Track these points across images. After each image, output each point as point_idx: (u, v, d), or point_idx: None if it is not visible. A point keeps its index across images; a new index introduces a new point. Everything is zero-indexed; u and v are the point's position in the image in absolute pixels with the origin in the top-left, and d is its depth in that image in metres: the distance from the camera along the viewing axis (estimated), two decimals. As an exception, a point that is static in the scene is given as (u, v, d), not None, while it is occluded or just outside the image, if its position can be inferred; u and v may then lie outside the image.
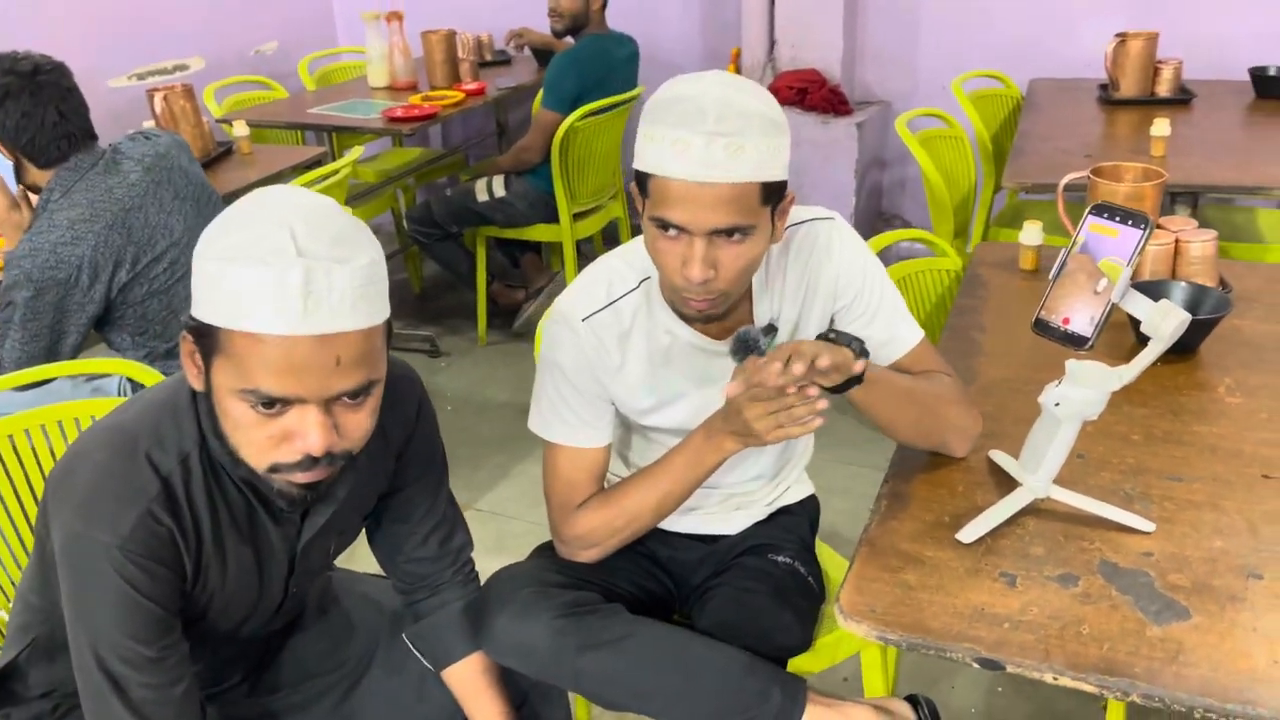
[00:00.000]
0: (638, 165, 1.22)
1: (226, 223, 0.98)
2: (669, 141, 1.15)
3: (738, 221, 1.18)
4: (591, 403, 1.38)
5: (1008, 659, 1.04)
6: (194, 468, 1.06)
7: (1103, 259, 1.12)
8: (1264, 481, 1.29)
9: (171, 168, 2.05)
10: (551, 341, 1.38)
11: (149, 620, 1.03)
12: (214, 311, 0.96)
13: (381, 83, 3.89)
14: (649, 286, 1.36)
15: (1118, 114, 3.07)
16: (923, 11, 3.80)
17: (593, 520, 1.38)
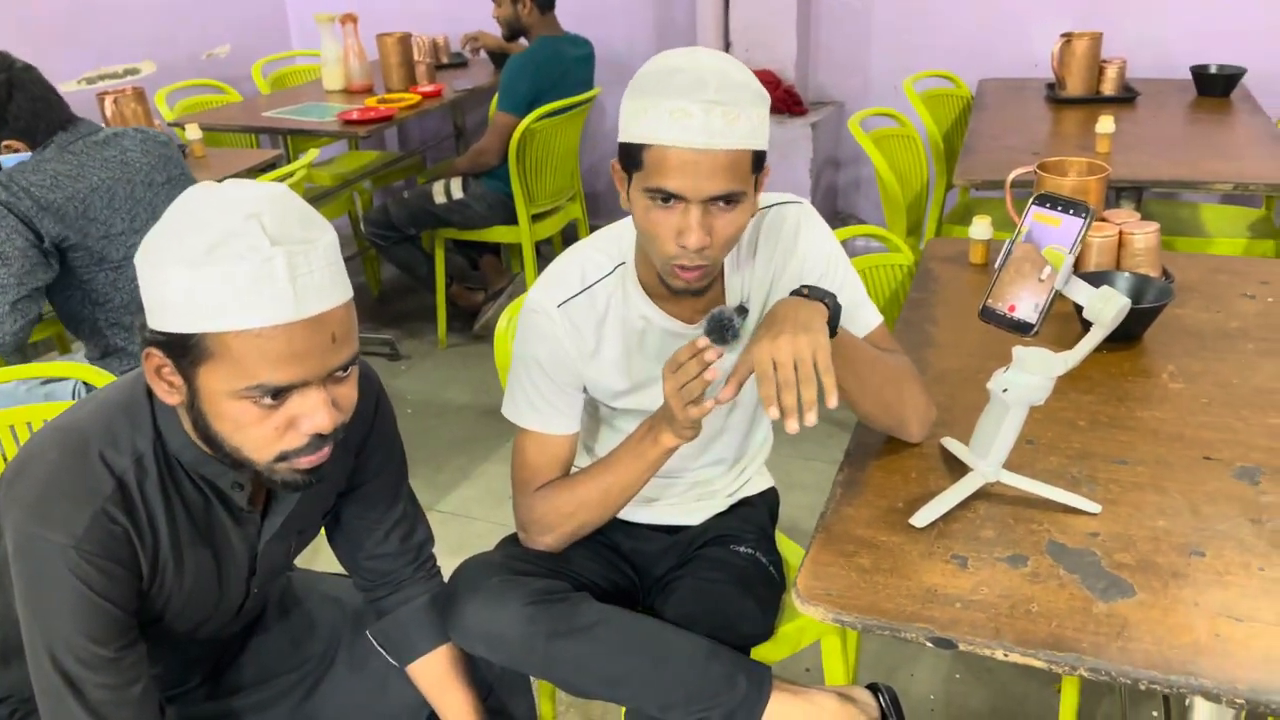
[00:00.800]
0: (628, 138, 1.22)
1: (176, 226, 0.95)
2: (667, 111, 1.17)
3: (733, 188, 1.20)
4: (563, 391, 1.40)
5: (959, 637, 1.06)
6: (149, 467, 1.06)
7: (1046, 247, 1.15)
8: (1205, 463, 1.33)
9: (169, 156, 2.12)
10: (526, 330, 1.39)
11: (105, 620, 1.03)
12: (194, 319, 0.94)
13: (337, 85, 3.87)
14: (624, 272, 1.38)
15: (1064, 112, 3.13)
16: (874, 14, 3.86)
17: (546, 504, 1.41)
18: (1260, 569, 1.13)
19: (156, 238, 0.96)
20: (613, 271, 1.38)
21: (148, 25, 4.18)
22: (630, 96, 1.23)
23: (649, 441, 1.33)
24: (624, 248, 1.38)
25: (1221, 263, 1.97)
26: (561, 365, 1.38)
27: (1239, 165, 2.51)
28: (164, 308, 0.95)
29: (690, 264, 1.25)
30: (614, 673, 1.30)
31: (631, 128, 1.22)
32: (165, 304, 0.95)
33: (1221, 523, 1.21)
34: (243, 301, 0.92)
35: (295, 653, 1.39)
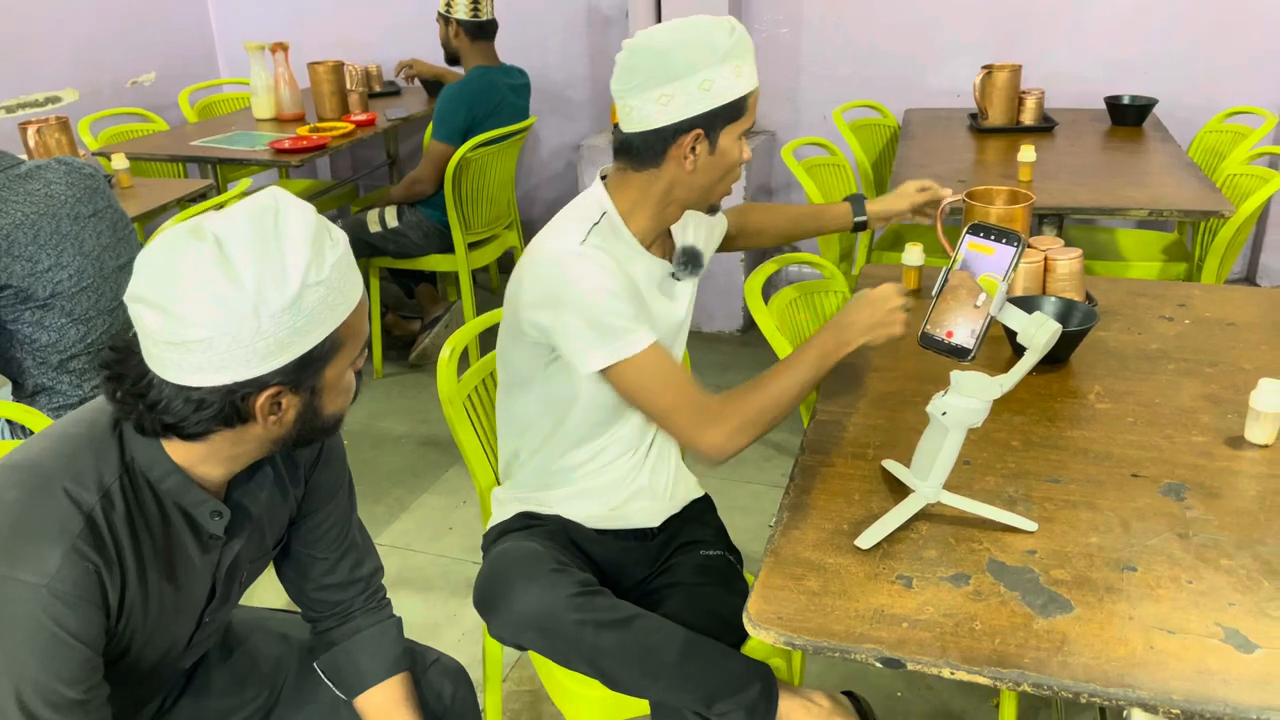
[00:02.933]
0: (735, 95, 1.43)
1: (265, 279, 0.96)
2: (749, 62, 1.44)
3: None
4: (639, 303, 1.47)
5: (907, 657, 1.09)
6: (116, 499, 1.03)
7: (981, 275, 1.19)
8: (1133, 480, 1.38)
9: (96, 188, 2.04)
10: (574, 270, 1.44)
11: (76, 661, 1.00)
12: (327, 325, 1.00)
13: (267, 114, 3.83)
14: (611, 219, 1.52)
15: (987, 141, 3.23)
16: (803, 45, 3.95)
17: (738, 404, 1.41)
18: (1189, 582, 1.18)
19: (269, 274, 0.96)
20: (600, 220, 1.50)
21: (69, 52, 4.10)
22: (712, 64, 1.40)
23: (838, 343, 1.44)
24: (602, 201, 1.52)
25: (1141, 286, 2.05)
26: (622, 279, 1.45)
27: (1153, 192, 2.61)
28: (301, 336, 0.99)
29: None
30: (652, 666, 1.38)
31: (735, 87, 1.43)
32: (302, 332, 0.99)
33: (1151, 538, 1.26)
34: (341, 289, 1.00)
35: (240, 691, 1.36)
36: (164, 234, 0.98)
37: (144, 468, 1.06)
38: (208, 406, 0.98)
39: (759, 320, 1.87)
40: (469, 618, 2.45)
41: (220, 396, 0.98)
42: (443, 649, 2.26)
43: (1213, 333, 1.82)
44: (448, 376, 1.65)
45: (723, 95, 1.42)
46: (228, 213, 0.98)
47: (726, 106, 1.44)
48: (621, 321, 1.41)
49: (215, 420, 1.00)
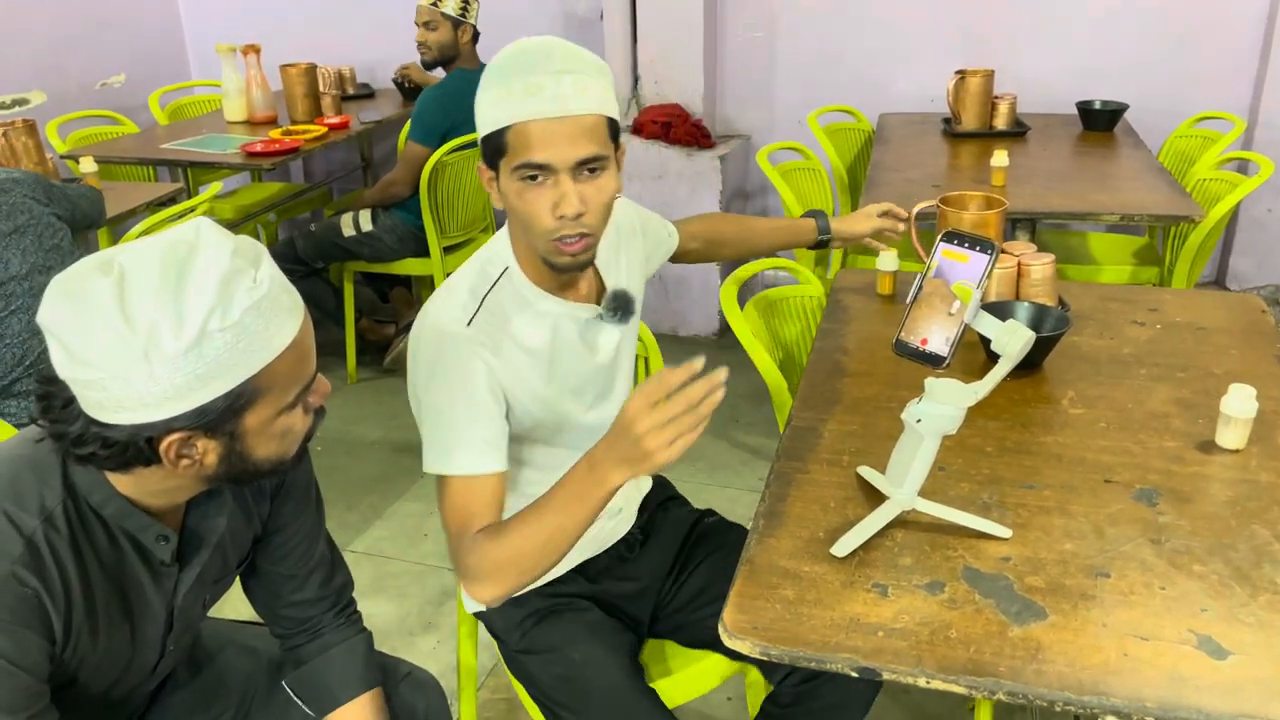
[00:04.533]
0: (488, 129, 1.27)
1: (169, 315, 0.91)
2: (521, 89, 1.23)
3: (596, 151, 1.26)
4: (491, 418, 1.33)
5: (883, 666, 1.08)
6: (59, 523, 1.01)
7: (955, 282, 1.19)
8: (1106, 486, 1.39)
9: (15, 204, 1.96)
10: (443, 361, 1.33)
11: (16, 689, 0.97)
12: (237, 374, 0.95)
13: (239, 116, 3.79)
14: (511, 275, 1.40)
15: (961, 146, 3.25)
16: (778, 49, 3.95)
17: (478, 554, 1.26)
18: (1161, 588, 1.18)
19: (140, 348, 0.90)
20: (499, 278, 1.39)
21: (36, 53, 4.04)
22: (483, 90, 1.28)
23: (593, 481, 1.18)
24: (503, 255, 1.40)
25: (1113, 291, 2.06)
26: (486, 385, 1.33)
27: (1124, 196, 2.64)
28: (204, 384, 0.93)
29: (572, 233, 1.29)
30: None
31: (490, 118, 1.26)
32: (204, 380, 0.92)
33: (1124, 544, 1.27)
34: (259, 335, 0.94)
35: (207, 709, 1.34)
36: (80, 262, 0.93)
37: (85, 492, 1.03)
38: (114, 444, 0.94)
39: (734, 326, 1.86)
40: (445, 624, 2.43)
41: (125, 435, 0.94)
42: (418, 656, 2.25)
43: (1183, 337, 1.83)
44: (421, 384, 1.63)
45: (481, 124, 1.29)
46: (144, 244, 0.93)
47: (486, 138, 1.28)
48: (443, 432, 1.30)
49: (124, 458, 0.96)
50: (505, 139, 1.25)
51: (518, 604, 1.52)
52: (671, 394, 1.09)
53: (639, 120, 3.84)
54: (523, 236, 1.35)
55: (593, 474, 1.18)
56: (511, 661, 1.55)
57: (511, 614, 1.53)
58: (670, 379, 1.09)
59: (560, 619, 1.51)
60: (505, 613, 1.53)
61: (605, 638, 1.50)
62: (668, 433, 1.09)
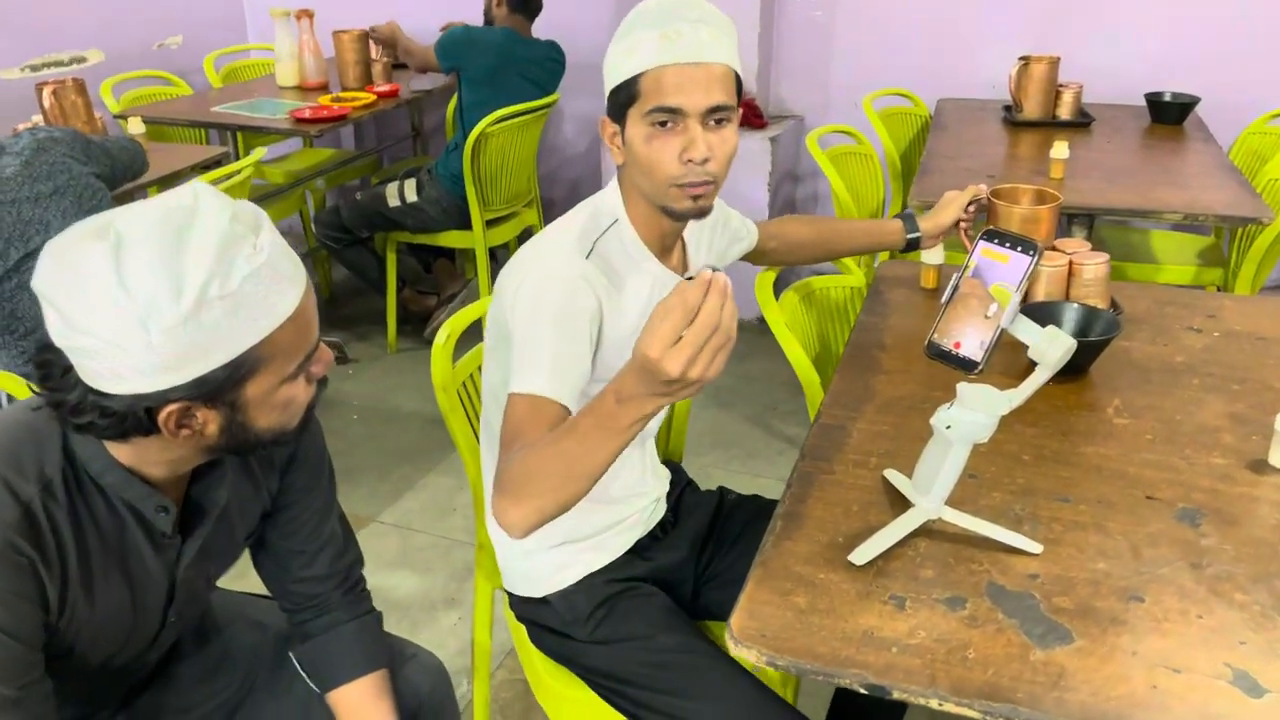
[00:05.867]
0: (621, 77, 1.30)
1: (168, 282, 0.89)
2: (658, 36, 1.26)
3: (724, 101, 1.29)
4: (579, 354, 1.29)
5: (894, 684, 1.03)
6: (57, 492, 1.00)
7: (993, 284, 1.13)
8: (1147, 503, 1.32)
9: (54, 164, 1.95)
10: (546, 290, 1.30)
11: (10, 658, 0.96)
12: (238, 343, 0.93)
13: (290, 82, 3.79)
14: (620, 228, 1.41)
15: (1021, 135, 3.14)
16: (836, 29, 3.85)
17: (511, 464, 1.14)
18: (1199, 617, 1.12)
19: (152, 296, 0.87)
20: (610, 227, 1.40)
21: (97, 12, 4.07)
22: (615, 43, 1.31)
23: (623, 413, 1.01)
24: (614, 207, 1.41)
25: (1170, 294, 1.97)
26: (588, 321, 1.31)
27: (1190, 194, 2.52)
28: (204, 353, 0.90)
29: (697, 180, 1.30)
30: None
31: (624, 67, 1.29)
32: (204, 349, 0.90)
33: (1162, 566, 1.20)
34: (261, 303, 0.91)
35: (212, 681, 1.33)
36: (75, 226, 0.91)
37: (85, 461, 1.01)
38: (112, 414, 0.92)
39: (768, 316, 1.81)
40: (467, 600, 2.42)
41: (124, 405, 0.91)
42: (438, 632, 2.25)
43: (1242, 347, 1.74)
44: (442, 362, 1.60)
45: (613, 75, 1.32)
46: (141, 208, 0.91)
47: (616, 89, 1.32)
48: (538, 356, 1.26)
49: (122, 428, 0.93)
50: (638, 86, 1.28)
51: (580, 592, 1.48)
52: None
53: (690, 98, 3.77)
54: (638, 190, 1.36)
55: (623, 407, 1.01)
56: (581, 655, 1.47)
57: (579, 604, 1.47)
58: (688, 301, 0.91)
59: (634, 606, 1.47)
60: (571, 604, 1.47)
61: (685, 620, 1.48)
62: (700, 362, 0.93)
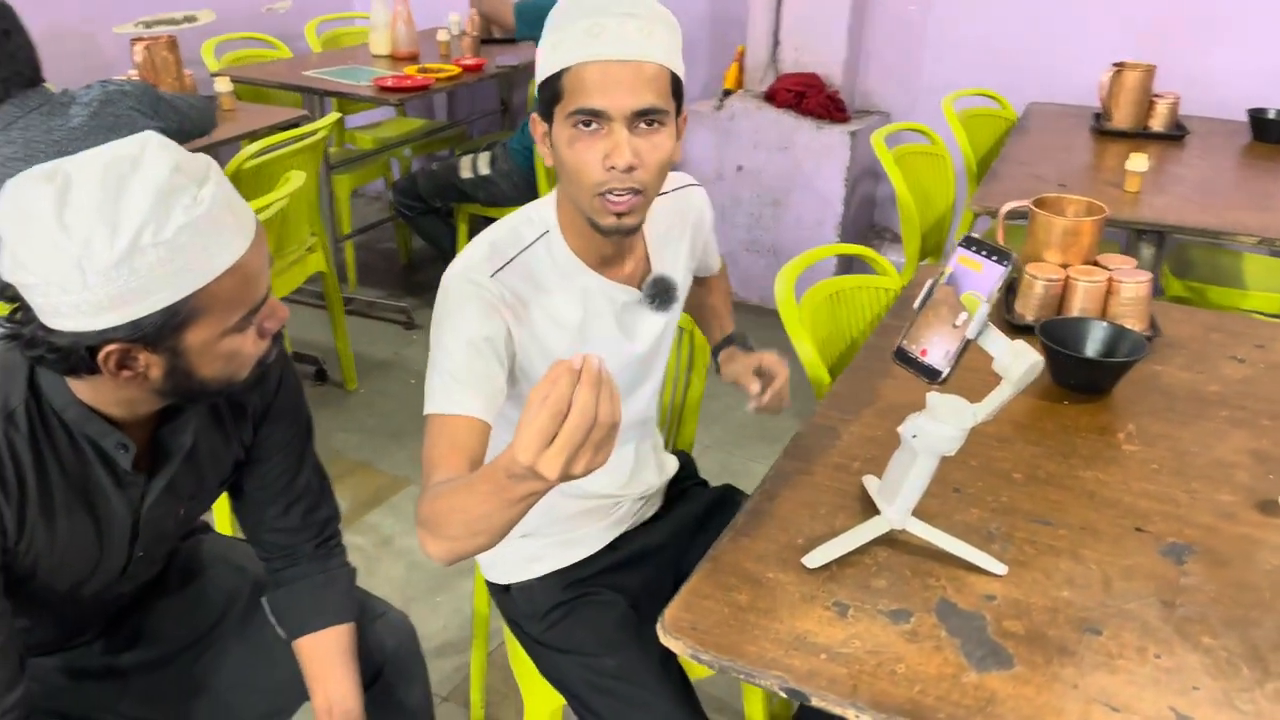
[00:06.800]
0: (545, 73, 1.20)
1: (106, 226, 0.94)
2: (582, 30, 1.16)
3: (655, 103, 1.18)
4: (485, 368, 1.23)
5: (814, 691, 1.01)
6: (20, 422, 1.05)
7: (965, 292, 1.09)
8: (1135, 535, 1.26)
9: (119, 115, 2.04)
10: (454, 302, 1.25)
11: None
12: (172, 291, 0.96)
13: (382, 51, 3.88)
14: (550, 240, 1.32)
15: (1108, 145, 3.00)
16: (929, 25, 3.75)
17: (425, 505, 1.09)
18: (1156, 656, 1.06)
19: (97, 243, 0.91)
20: (535, 241, 1.31)
21: (211, -27, 4.23)
22: (544, 36, 1.21)
23: (508, 486, 0.91)
24: (545, 218, 1.32)
25: (1220, 320, 1.87)
26: (489, 336, 1.24)
27: (1271, 217, 2.37)
28: (138, 298, 0.94)
29: (621, 188, 1.19)
30: None
31: (548, 63, 1.20)
32: (138, 293, 0.93)
33: (1131, 601, 1.15)
34: (198, 254, 0.94)
35: (190, 616, 1.39)
36: (32, 169, 0.95)
37: (48, 395, 1.06)
38: (57, 350, 0.96)
39: (782, 312, 1.78)
40: (486, 571, 2.46)
41: (67, 342, 0.96)
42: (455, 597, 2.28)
43: (1286, 382, 1.64)
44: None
45: (539, 69, 1.21)
46: (92, 154, 0.95)
47: (542, 85, 1.21)
48: (437, 376, 1.22)
49: (69, 364, 0.98)
50: (562, 83, 1.18)
51: (540, 589, 1.47)
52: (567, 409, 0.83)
53: (773, 88, 3.72)
54: (569, 197, 1.27)
55: (514, 483, 0.91)
56: (531, 649, 1.48)
57: (537, 601, 1.46)
58: (558, 395, 0.81)
59: (588, 616, 1.44)
60: (530, 598, 1.47)
61: (636, 638, 1.40)
62: (581, 460, 0.84)
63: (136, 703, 1.36)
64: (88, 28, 3.79)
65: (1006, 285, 1.07)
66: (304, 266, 2.94)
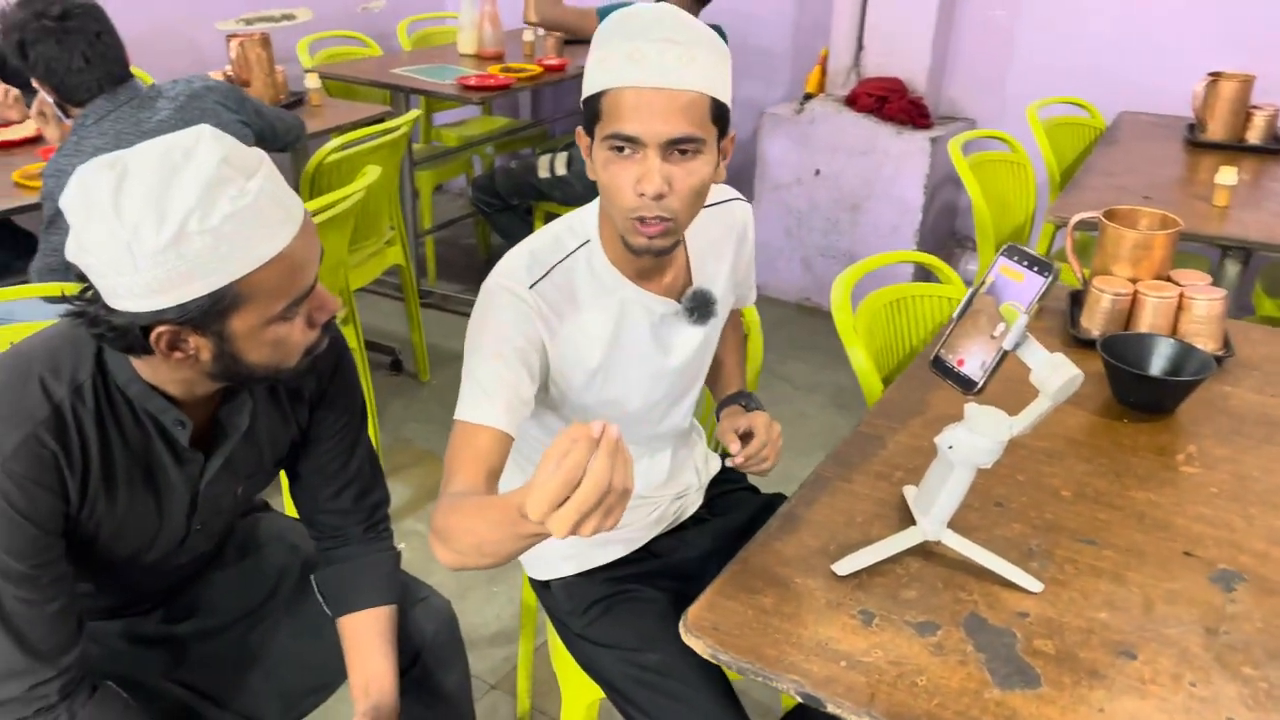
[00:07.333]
0: (587, 91, 1.21)
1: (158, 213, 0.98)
2: (623, 54, 1.16)
3: (690, 131, 1.17)
4: (515, 379, 1.25)
5: (830, 698, 1.01)
6: (86, 397, 1.11)
7: (1005, 303, 1.07)
8: (1183, 559, 1.22)
9: (204, 109, 2.13)
10: (490, 310, 1.28)
11: (24, 537, 1.08)
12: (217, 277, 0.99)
13: (469, 50, 3.96)
14: (590, 251, 1.33)
15: (1200, 157, 2.90)
16: (1019, 31, 3.66)
17: (440, 517, 1.12)
18: (1191, 684, 1.03)
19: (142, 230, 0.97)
20: (576, 250, 1.32)
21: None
22: (591, 50, 1.22)
23: (525, 525, 0.90)
24: (587, 228, 1.33)
25: (1301, 342, 1.79)
26: (521, 348, 1.26)
27: (1371, 238, 2.26)
28: (185, 282, 0.98)
29: (650, 215, 1.20)
30: None
31: (590, 81, 1.20)
32: (185, 278, 0.98)
33: (1172, 626, 1.11)
34: (241, 243, 0.99)
35: (244, 590, 1.45)
36: (100, 157, 1.00)
37: (114, 372, 1.12)
38: (116, 329, 1.01)
39: (836, 320, 1.77)
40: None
41: (124, 322, 1.01)
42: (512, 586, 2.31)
43: (1366, 408, 1.56)
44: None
45: (585, 85, 1.21)
46: (149, 145, 0.99)
47: (584, 102, 1.22)
48: (473, 383, 1.24)
49: (126, 343, 1.03)
50: (600, 104, 1.18)
51: (578, 586, 1.49)
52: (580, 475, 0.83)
53: (854, 92, 3.68)
54: (607, 213, 1.28)
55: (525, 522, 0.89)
56: (572, 644, 1.50)
57: (577, 597, 1.49)
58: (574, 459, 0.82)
59: (629, 612, 1.45)
60: (568, 592, 1.50)
61: (678, 636, 1.33)
62: (590, 523, 0.84)
63: (190, 671, 1.42)
64: (190, 25, 3.95)
65: (1046, 296, 1.05)
66: (382, 259, 3.02)
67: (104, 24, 1.97)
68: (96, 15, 1.96)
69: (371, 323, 3.65)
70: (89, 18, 1.94)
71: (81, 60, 1.94)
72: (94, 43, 1.95)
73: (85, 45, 1.94)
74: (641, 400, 1.40)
